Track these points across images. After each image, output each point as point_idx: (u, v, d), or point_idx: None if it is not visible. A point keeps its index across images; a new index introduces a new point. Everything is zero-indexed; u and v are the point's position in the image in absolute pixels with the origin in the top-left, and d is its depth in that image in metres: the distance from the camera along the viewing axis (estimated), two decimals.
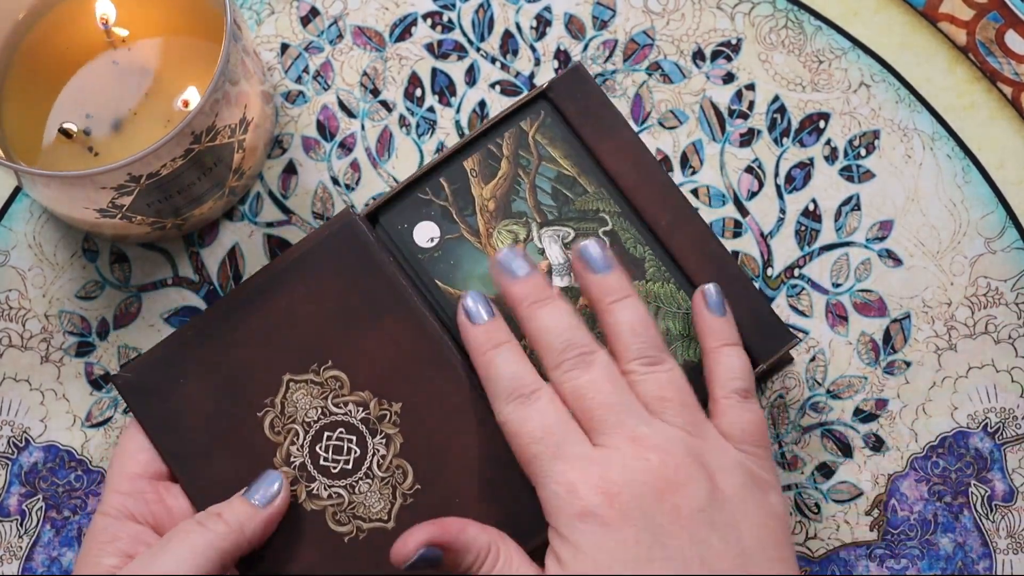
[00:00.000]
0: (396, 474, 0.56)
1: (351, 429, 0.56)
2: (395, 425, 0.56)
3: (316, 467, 0.56)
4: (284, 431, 0.56)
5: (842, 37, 0.66)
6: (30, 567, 0.62)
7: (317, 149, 0.66)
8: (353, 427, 0.56)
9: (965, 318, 0.64)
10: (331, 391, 0.56)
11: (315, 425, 0.56)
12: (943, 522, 0.62)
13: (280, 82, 0.66)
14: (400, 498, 0.56)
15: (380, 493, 0.56)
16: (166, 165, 0.56)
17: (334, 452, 0.56)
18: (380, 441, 0.56)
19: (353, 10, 0.67)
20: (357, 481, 0.56)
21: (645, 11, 0.67)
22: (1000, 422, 0.63)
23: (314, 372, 0.57)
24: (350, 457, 0.56)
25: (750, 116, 0.66)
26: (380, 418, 0.56)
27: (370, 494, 0.56)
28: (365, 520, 0.56)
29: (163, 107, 0.62)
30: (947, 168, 0.65)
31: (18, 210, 0.65)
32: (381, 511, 0.56)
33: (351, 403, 0.56)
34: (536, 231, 0.58)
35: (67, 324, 0.64)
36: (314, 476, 0.56)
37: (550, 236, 0.58)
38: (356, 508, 0.56)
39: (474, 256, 0.58)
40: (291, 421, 0.56)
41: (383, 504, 0.56)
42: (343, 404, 0.56)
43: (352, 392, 0.56)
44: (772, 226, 0.65)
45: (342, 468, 0.56)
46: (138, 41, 0.63)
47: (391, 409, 0.56)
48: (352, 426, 0.56)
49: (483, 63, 0.66)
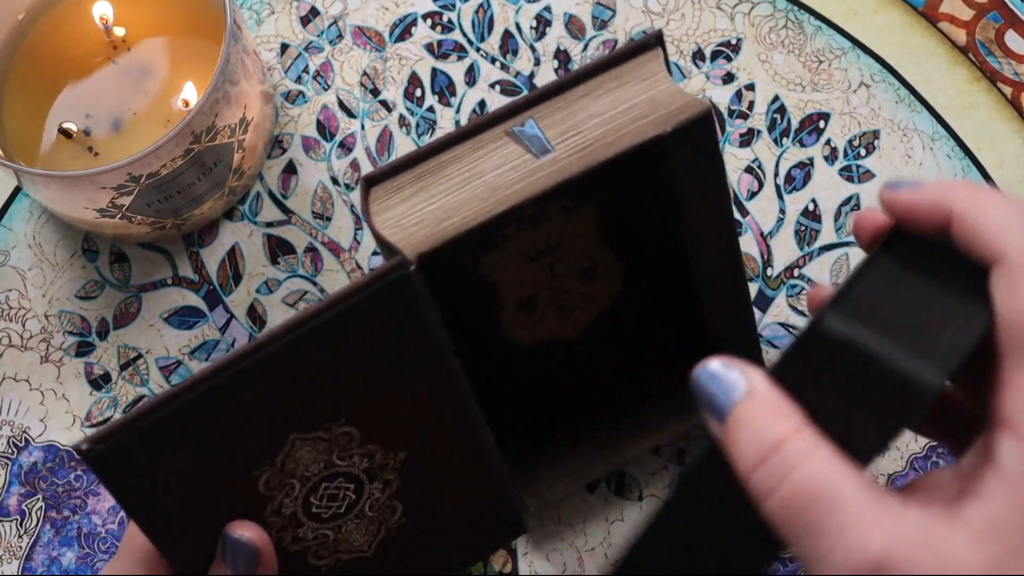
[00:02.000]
0: (386, 511, 0.53)
1: (351, 479, 0.52)
2: (395, 472, 0.53)
3: (307, 514, 0.51)
4: (280, 486, 0.50)
5: (842, 37, 0.66)
6: (30, 567, 0.62)
7: (317, 149, 0.66)
8: (354, 476, 0.52)
9: None
10: (339, 446, 0.51)
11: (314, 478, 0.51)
12: None
13: (280, 82, 0.66)
14: (384, 532, 0.54)
15: (366, 530, 0.53)
16: (166, 165, 0.56)
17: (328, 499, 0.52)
18: (377, 486, 0.52)
19: (353, 10, 0.67)
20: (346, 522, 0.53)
21: (645, 11, 0.67)
22: None
23: (324, 430, 0.50)
24: (343, 503, 0.52)
25: (750, 116, 0.66)
26: (382, 467, 0.52)
27: (355, 531, 0.53)
28: (345, 553, 0.54)
29: (163, 107, 0.62)
30: (947, 168, 0.65)
31: (18, 210, 0.65)
32: (363, 544, 0.54)
33: (356, 455, 0.51)
34: None
35: (67, 324, 0.64)
36: (302, 522, 0.51)
37: None
38: (339, 544, 0.53)
39: None
40: (290, 477, 0.50)
41: (366, 538, 0.54)
42: (348, 457, 0.51)
43: (361, 446, 0.51)
44: (772, 226, 0.65)
45: (334, 513, 0.52)
46: (138, 41, 0.63)
47: (395, 458, 0.52)
48: (353, 476, 0.52)
49: (483, 63, 0.66)
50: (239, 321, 0.64)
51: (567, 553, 0.62)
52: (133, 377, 0.63)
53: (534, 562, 0.62)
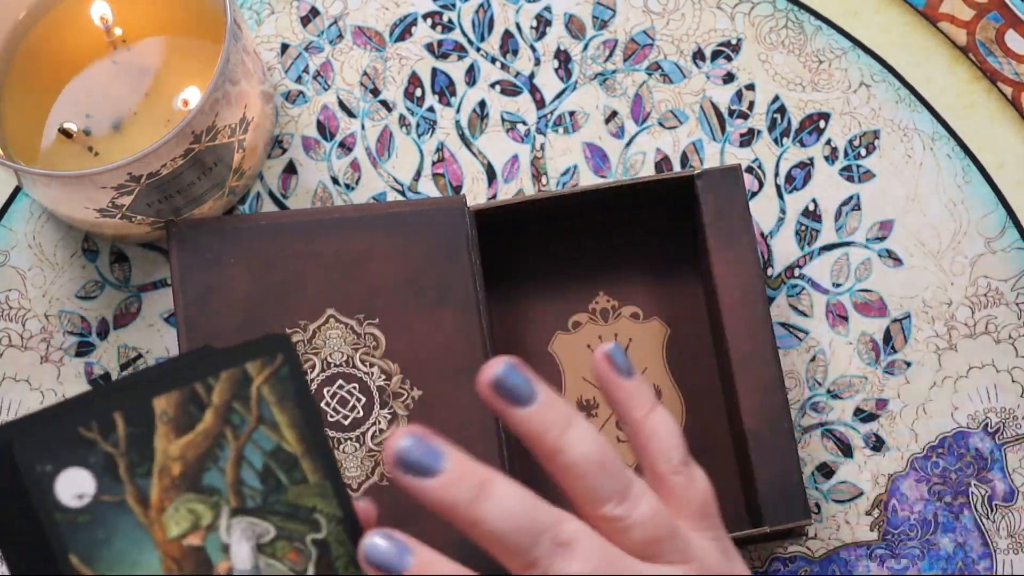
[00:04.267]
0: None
1: (365, 391, 0.55)
2: (407, 408, 0.55)
3: None
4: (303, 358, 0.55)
5: (842, 37, 0.66)
6: None
7: (317, 149, 0.66)
8: (368, 390, 0.55)
9: (965, 318, 0.64)
10: (365, 347, 0.55)
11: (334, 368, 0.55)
12: (943, 522, 0.62)
13: (280, 82, 0.66)
14: (377, 476, 0.55)
15: (361, 463, 0.54)
16: (166, 165, 0.56)
17: (339, 402, 0.55)
18: (386, 415, 0.55)
19: (353, 10, 0.67)
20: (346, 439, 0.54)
21: (645, 11, 0.67)
22: (1000, 422, 0.63)
23: (357, 321, 0.55)
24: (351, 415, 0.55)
25: (750, 116, 0.66)
26: (396, 395, 0.55)
27: (352, 457, 0.54)
28: None
29: (163, 107, 0.62)
30: (947, 168, 0.65)
31: (18, 210, 0.65)
32: (353, 479, 0.54)
33: (377, 367, 0.55)
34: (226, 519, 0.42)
35: (67, 324, 0.64)
36: None
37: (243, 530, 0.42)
38: None
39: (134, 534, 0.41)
40: (315, 352, 0.55)
41: (359, 473, 0.54)
42: (370, 364, 0.55)
43: (383, 358, 0.55)
44: (772, 226, 0.65)
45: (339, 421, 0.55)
46: (138, 41, 0.63)
47: (410, 392, 0.55)
48: (367, 388, 0.55)
49: (483, 63, 0.66)
50: None
51: None
52: None
53: None
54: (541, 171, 0.65)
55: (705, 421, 0.62)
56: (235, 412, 0.43)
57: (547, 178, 0.65)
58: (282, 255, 0.57)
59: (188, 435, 0.42)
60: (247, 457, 0.43)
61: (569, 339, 0.63)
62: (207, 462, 0.42)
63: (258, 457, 0.43)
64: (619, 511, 0.44)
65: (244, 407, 0.43)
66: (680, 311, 0.63)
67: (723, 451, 0.61)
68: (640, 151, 0.65)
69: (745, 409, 0.58)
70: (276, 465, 0.43)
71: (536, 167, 0.65)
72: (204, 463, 0.42)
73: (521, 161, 0.65)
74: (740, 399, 0.58)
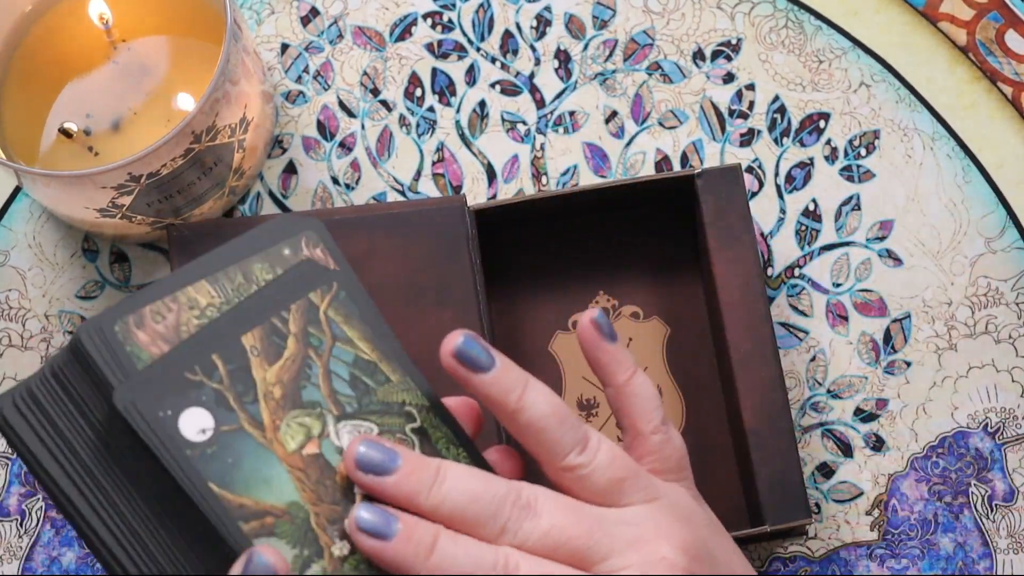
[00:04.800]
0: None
1: None
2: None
3: None
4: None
5: (842, 37, 0.66)
6: (30, 567, 0.62)
7: (317, 149, 0.66)
8: None
9: (965, 318, 0.64)
10: None
11: None
12: (943, 522, 0.62)
13: (280, 82, 0.66)
14: None
15: None
16: (166, 165, 0.56)
17: None
18: None
19: (353, 10, 0.67)
20: None
21: (645, 11, 0.67)
22: (1000, 422, 0.63)
23: None
24: None
25: (750, 116, 0.66)
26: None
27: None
28: None
29: (163, 107, 0.62)
30: (947, 168, 0.65)
31: (18, 210, 0.65)
32: None
33: None
34: (333, 426, 0.46)
35: (67, 324, 0.64)
36: None
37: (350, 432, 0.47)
38: None
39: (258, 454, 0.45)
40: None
41: None
42: None
43: None
44: (772, 226, 0.65)
45: None
46: (138, 41, 0.63)
47: None
48: None
49: (483, 63, 0.66)
50: None
51: None
52: None
53: None
54: (541, 171, 0.65)
55: (705, 420, 0.62)
56: (312, 335, 0.47)
57: (547, 178, 0.65)
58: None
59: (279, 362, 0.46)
60: (334, 370, 0.47)
61: (569, 339, 0.63)
62: (301, 381, 0.47)
63: (343, 368, 0.47)
64: (581, 459, 0.47)
65: (318, 330, 0.47)
66: (680, 310, 0.63)
67: (723, 450, 0.61)
68: (640, 151, 0.65)
69: (745, 408, 0.58)
70: (360, 372, 0.48)
71: (536, 167, 0.65)
72: (299, 382, 0.47)
73: (521, 161, 0.65)
74: (740, 398, 0.58)
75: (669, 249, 0.63)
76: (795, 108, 0.66)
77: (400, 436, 0.47)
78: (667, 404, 0.62)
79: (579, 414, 0.62)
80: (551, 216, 0.62)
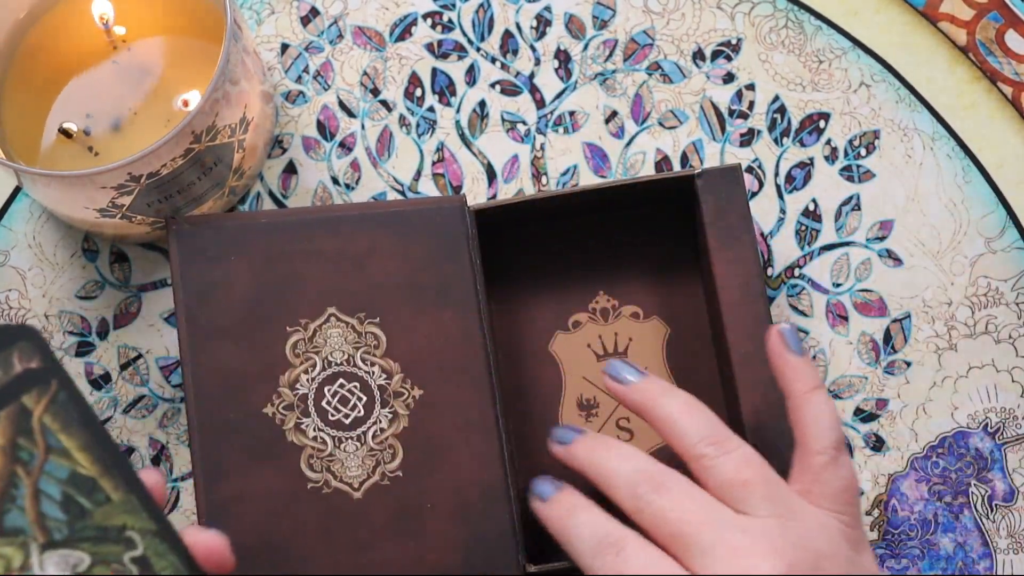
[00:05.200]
0: (386, 452, 0.55)
1: (366, 389, 0.55)
2: (407, 407, 0.55)
3: (316, 406, 0.55)
4: (304, 357, 0.55)
5: (842, 37, 0.66)
6: None
7: (317, 149, 0.66)
8: (369, 389, 0.55)
9: (965, 318, 0.64)
10: (365, 345, 0.55)
11: (336, 366, 0.55)
12: (943, 522, 0.62)
13: (280, 82, 0.66)
14: (378, 476, 0.55)
15: (363, 462, 0.55)
16: (166, 165, 0.56)
17: (339, 401, 0.55)
18: (386, 414, 0.55)
19: (353, 10, 0.67)
20: (347, 439, 0.55)
21: (645, 11, 0.67)
22: (1000, 422, 0.63)
23: (358, 320, 0.56)
24: (352, 413, 0.55)
25: (750, 116, 0.66)
26: (397, 394, 0.55)
27: (353, 456, 0.55)
28: (336, 477, 0.55)
29: (163, 107, 0.62)
30: (947, 168, 0.65)
31: (18, 210, 0.65)
32: (355, 478, 0.55)
33: (378, 366, 0.55)
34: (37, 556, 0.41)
35: (67, 324, 0.64)
36: (309, 412, 0.55)
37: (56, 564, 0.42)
38: (333, 462, 0.55)
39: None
40: (315, 351, 0.55)
41: (360, 472, 0.55)
42: (370, 363, 0.55)
43: (383, 357, 0.56)
44: (772, 226, 0.65)
45: (339, 420, 0.55)
46: (138, 41, 0.63)
47: (411, 392, 0.56)
48: (368, 387, 0.55)
49: (483, 63, 0.66)
50: None
51: None
52: (133, 377, 0.63)
53: None
54: (541, 171, 0.65)
55: None
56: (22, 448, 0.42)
57: (547, 178, 0.65)
58: (283, 253, 0.57)
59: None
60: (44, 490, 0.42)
61: (569, 338, 0.63)
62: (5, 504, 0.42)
63: (55, 487, 0.42)
64: (709, 450, 0.50)
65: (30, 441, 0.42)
66: (680, 310, 0.63)
67: None
68: (640, 151, 0.65)
69: (746, 408, 0.58)
70: (75, 491, 0.42)
71: (536, 167, 0.65)
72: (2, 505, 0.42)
73: (521, 161, 0.65)
74: (741, 398, 0.58)
75: (669, 249, 0.63)
76: (795, 108, 0.66)
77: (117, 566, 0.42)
78: None
79: (579, 414, 0.62)
80: (551, 216, 0.62)
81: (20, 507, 0.42)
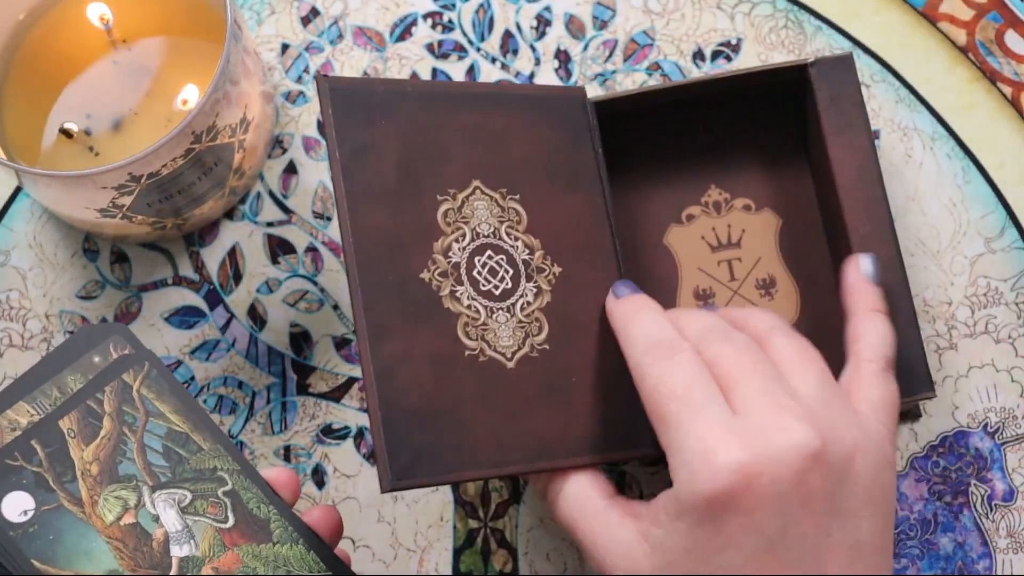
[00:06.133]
0: (533, 325, 0.56)
1: (512, 263, 0.56)
2: (549, 283, 0.56)
3: (468, 275, 0.55)
4: (454, 226, 0.55)
5: (842, 37, 0.66)
6: None
7: (317, 149, 0.66)
8: (515, 262, 0.56)
9: (965, 318, 0.64)
10: (508, 220, 0.56)
11: (483, 238, 0.56)
12: (943, 522, 0.62)
13: (280, 82, 0.66)
14: (528, 347, 0.55)
15: (513, 332, 0.55)
16: (166, 165, 0.56)
17: (489, 272, 0.56)
18: (532, 288, 0.56)
19: (353, 10, 0.67)
20: (497, 309, 0.55)
21: (645, 11, 0.67)
22: (1000, 422, 0.63)
23: (500, 195, 0.56)
24: (500, 285, 0.56)
25: None
26: (539, 270, 0.56)
27: (504, 327, 0.55)
28: (491, 346, 0.55)
29: (163, 107, 0.62)
30: (947, 168, 0.65)
31: (18, 210, 0.65)
32: (508, 348, 0.55)
33: (521, 241, 0.56)
34: (148, 496, 0.51)
35: (67, 324, 0.64)
36: (463, 280, 0.55)
37: (164, 501, 0.52)
38: (487, 331, 0.55)
39: (78, 529, 0.50)
40: (464, 221, 0.56)
41: (512, 343, 0.55)
42: (514, 238, 0.56)
43: (526, 233, 0.56)
44: None
45: (490, 290, 0.55)
46: (138, 41, 0.63)
47: (551, 269, 0.56)
48: (514, 260, 0.56)
49: (483, 63, 0.66)
50: (239, 321, 0.64)
51: (567, 553, 0.62)
52: None
53: (534, 561, 0.62)
54: None
55: (821, 308, 0.62)
56: (127, 414, 0.52)
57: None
58: (429, 124, 0.56)
59: (95, 441, 0.52)
60: (148, 444, 0.52)
61: (683, 231, 0.63)
62: (117, 457, 0.52)
63: (156, 442, 0.52)
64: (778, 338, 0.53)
65: (132, 408, 0.52)
66: (791, 201, 0.63)
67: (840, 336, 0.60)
68: None
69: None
70: (173, 444, 0.53)
71: None
72: (115, 458, 0.52)
73: None
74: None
75: (778, 141, 0.64)
76: None
77: (213, 500, 0.52)
78: (782, 294, 0.62)
79: (696, 304, 0.63)
80: (661, 110, 0.62)
81: (130, 459, 0.52)
